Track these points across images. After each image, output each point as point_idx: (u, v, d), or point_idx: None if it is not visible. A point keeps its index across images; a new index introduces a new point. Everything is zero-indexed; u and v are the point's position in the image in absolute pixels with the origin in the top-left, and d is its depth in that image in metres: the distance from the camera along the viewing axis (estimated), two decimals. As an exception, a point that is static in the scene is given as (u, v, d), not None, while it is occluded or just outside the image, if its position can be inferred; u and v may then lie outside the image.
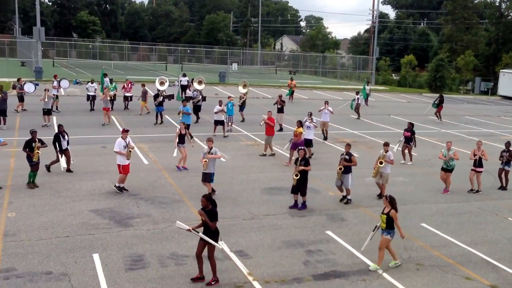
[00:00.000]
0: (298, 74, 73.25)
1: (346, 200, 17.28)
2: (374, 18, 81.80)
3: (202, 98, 31.80)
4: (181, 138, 20.02)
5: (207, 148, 16.76)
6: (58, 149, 18.76)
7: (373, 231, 12.68)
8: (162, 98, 30.00)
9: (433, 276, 12.32)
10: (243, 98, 32.24)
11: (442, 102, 37.99)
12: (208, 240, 10.96)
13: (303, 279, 11.76)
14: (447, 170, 19.04)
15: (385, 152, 17.61)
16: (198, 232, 11.11)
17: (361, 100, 37.15)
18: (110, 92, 30.65)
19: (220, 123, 26.91)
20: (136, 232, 13.96)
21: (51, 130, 23.21)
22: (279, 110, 30.24)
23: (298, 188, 16.31)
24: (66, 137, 19.06)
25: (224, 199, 16.96)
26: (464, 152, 23.56)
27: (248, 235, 14.17)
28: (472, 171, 19.38)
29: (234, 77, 59.59)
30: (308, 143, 22.95)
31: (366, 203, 17.44)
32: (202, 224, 11.11)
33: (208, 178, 16.72)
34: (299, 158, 16.34)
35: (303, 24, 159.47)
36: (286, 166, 21.52)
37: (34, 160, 17.09)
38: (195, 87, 33.41)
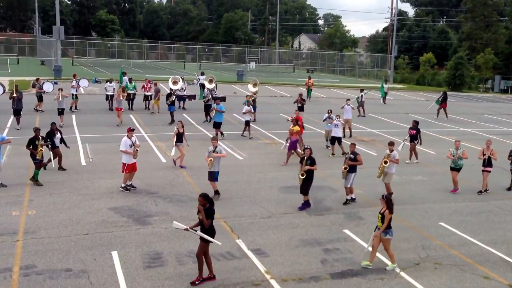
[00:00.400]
0: (316, 73, 72.96)
1: (346, 200, 17.12)
2: (393, 16, 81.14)
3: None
4: (179, 137, 20.10)
5: (212, 147, 16.78)
6: (50, 146, 18.85)
7: (374, 231, 12.58)
8: (174, 97, 30.07)
9: (451, 275, 12.24)
10: (252, 97, 31.60)
11: (445, 99, 37.78)
12: (206, 238, 10.96)
13: (321, 278, 11.75)
14: (455, 169, 18.84)
15: (390, 151, 17.49)
16: (195, 230, 11.13)
17: (364, 97, 36.73)
18: (124, 93, 30.57)
19: (248, 123, 27.12)
20: (154, 230, 14.06)
21: (64, 130, 23.24)
22: (299, 109, 30.26)
23: (301, 187, 16.30)
24: (59, 135, 19.30)
25: (242, 197, 17.04)
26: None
27: (265, 233, 14.19)
28: (483, 171, 19.19)
29: (252, 75, 59.48)
30: (339, 141, 23.52)
31: (383, 202, 17.31)
32: (200, 223, 11.13)
33: (212, 176, 16.77)
34: (305, 157, 16.16)
35: (321, 22, 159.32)
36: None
37: (37, 157, 17.47)
38: (206, 86, 33.46)
